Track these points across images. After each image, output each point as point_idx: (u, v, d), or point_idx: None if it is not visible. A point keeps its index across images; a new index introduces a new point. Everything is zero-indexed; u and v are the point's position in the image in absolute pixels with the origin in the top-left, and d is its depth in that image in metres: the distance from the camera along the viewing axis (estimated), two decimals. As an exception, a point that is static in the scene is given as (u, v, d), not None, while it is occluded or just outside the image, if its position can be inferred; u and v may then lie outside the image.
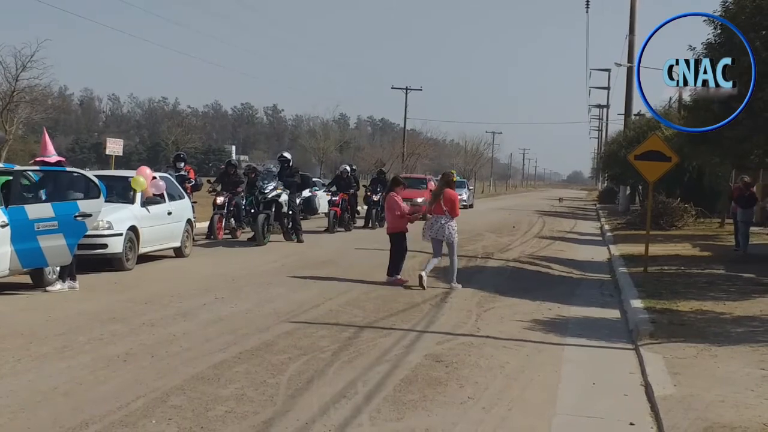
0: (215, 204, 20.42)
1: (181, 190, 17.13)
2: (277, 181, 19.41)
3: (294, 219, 20.09)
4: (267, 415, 5.85)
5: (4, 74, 34.23)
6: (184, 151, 26.62)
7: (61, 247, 10.91)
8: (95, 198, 11.28)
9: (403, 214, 13.35)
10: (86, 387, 6.51)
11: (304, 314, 10.08)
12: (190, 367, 7.17)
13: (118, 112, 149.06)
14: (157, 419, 5.68)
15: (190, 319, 9.59)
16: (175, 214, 15.86)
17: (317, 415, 5.89)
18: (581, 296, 12.71)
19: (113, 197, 14.07)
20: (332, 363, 7.49)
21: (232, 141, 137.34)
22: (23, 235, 10.75)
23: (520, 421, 6.00)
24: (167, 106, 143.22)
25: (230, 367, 7.21)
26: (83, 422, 5.57)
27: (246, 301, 11.00)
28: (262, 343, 8.25)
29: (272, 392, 6.45)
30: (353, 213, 26.06)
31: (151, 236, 14.74)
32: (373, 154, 79.38)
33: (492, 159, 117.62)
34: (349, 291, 12.13)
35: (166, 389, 6.43)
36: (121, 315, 9.65)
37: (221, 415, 5.81)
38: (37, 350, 7.73)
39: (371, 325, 9.51)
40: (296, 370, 7.19)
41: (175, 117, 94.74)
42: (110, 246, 13.41)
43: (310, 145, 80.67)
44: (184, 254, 16.18)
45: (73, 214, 11.02)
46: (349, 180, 25.32)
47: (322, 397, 6.36)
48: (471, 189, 54.64)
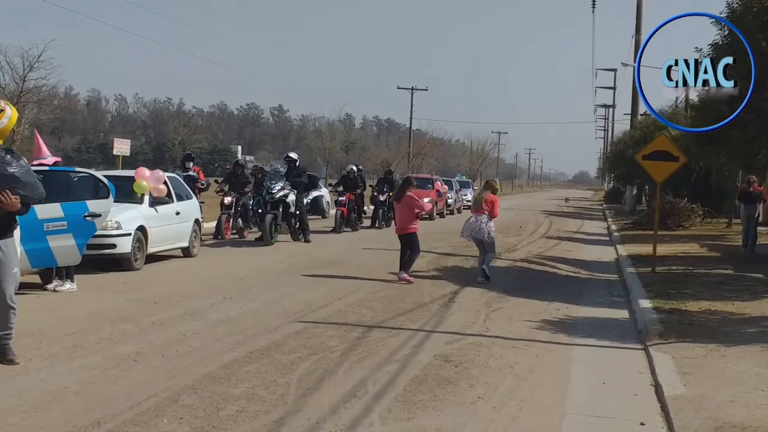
0: (223, 204, 20.46)
1: (189, 190, 17.17)
2: (284, 182, 19.44)
3: (301, 219, 20.12)
4: (278, 415, 5.86)
5: (12, 75, 34.35)
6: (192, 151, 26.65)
7: (71, 247, 10.94)
8: (104, 198, 11.33)
9: (427, 212, 13.61)
10: (97, 386, 6.54)
11: (312, 314, 10.10)
12: (201, 367, 7.19)
13: (125, 112, 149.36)
14: (168, 418, 5.70)
15: (199, 318, 9.62)
16: (183, 214, 15.90)
17: (328, 414, 5.91)
18: (589, 296, 12.71)
19: (121, 197, 14.09)
20: (342, 363, 7.51)
21: (237, 141, 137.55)
22: (33, 235, 10.75)
23: (531, 421, 6.01)
24: (172, 107, 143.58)
25: (240, 367, 7.23)
26: (95, 421, 5.59)
27: (254, 300, 11.03)
28: (272, 343, 8.28)
29: (283, 392, 6.47)
30: (360, 213, 26.09)
31: (160, 236, 14.78)
32: (378, 154, 79.48)
33: (498, 159, 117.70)
34: (357, 291, 12.15)
35: (177, 389, 6.45)
36: (131, 315, 9.69)
37: (233, 415, 5.83)
38: (47, 350, 7.76)
39: (380, 324, 9.52)
40: (306, 369, 7.21)
41: (180, 117, 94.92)
42: (119, 246, 13.46)
43: (315, 146, 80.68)
44: (192, 254, 16.22)
45: (82, 214, 11.05)
46: (356, 180, 25.35)
47: (332, 396, 6.37)
48: (476, 189, 54.61)
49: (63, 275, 11.48)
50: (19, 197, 6.92)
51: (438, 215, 34.27)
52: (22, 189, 6.93)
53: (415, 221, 13.73)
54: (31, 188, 7.07)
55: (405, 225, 13.77)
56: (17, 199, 6.89)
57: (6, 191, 6.82)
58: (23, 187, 6.95)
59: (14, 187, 6.88)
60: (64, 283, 11.44)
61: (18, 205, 6.93)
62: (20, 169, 6.98)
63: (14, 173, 6.90)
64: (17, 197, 6.89)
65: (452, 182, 42.99)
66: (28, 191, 7.01)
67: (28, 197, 7.04)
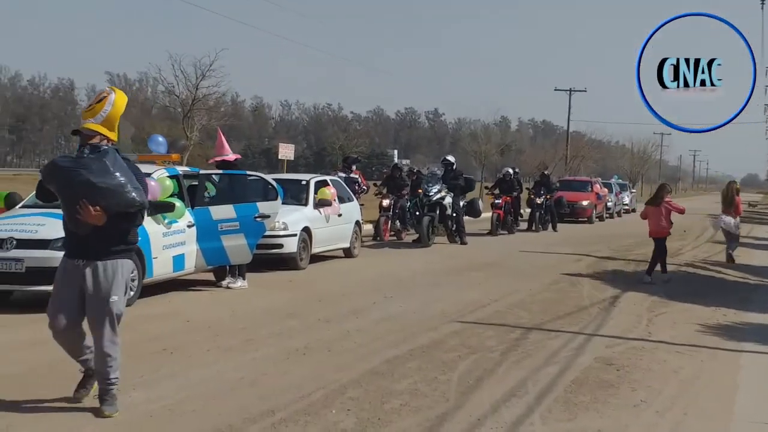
0: (381, 206, 20.92)
1: (350, 193, 17.69)
2: (441, 184, 19.67)
3: (458, 221, 20.28)
4: (440, 410, 6.03)
5: (185, 83, 36.41)
6: (351, 155, 27.44)
7: (242, 246, 11.56)
8: (273, 200, 11.89)
9: (682, 212, 14.73)
10: (270, 377, 6.93)
11: (470, 314, 10.22)
12: (365, 362, 7.47)
13: (287, 118, 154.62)
14: (336, 409, 5.98)
15: (361, 316, 9.95)
16: (345, 216, 16.40)
17: (489, 412, 6.02)
18: (759, 303, 12.19)
19: (287, 200, 14.71)
20: (501, 363, 7.60)
21: (394, 145, 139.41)
22: (208, 235, 11.49)
23: (696, 426, 5.90)
24: (332, 112, 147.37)
25: (402, 363, 7.45)
26: (269, 410, 5.94)
27: (413, 300, 11.27)
28: (432, 342, 8.47)
29: (444, 388, 6.64)
30: (516, 216, 25.98)
31: (323, 237, 15.33)
32: (535, 157, 78.41)
33: (660, 161, 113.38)
34: (515, 293, 12.17)
35: (344, 382, 6.74)
36: (298, 311, 10.14)
37: (396, 408, 6.05)
38: (223, 343, 8.26)
39: (538, 327, 9.53)
40: (466, 368, 7.34)
41: (339, 122, 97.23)
42: (285, 246, 14.07)
43: (470, 148, 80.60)
44: (353, 255, 16.70)
45: (253, 215, 11.65)
46: (512, 182, 25.27)
47: (492, 395, 6.48)
48: (633, 192, 52.98)
49: (235, 273, 12.13)
50: (101, 208, 5.53)
51: (597, 218, 33.58)
52: (101, 198, 5.52)
53: (670, 225, 14.47)
54: (111, 197, 5.55)
55: (662, 228, 14.26)
56: (98, 210, 5.51)
57: (83, 201, 5.50)
58: (101, 196, 5.52)
59: (93, 196, 5.52)
60: (236, 280, 12.08)
61: (103, 218, 5.54)
62: (100, 175, 5.53)
63: (90, 179, 5.51)
64: (98, 209, 5.51)
65: (612, 184, 41.51)
66: (107, 201, 5.55)
67: (110, 207, 5.58)
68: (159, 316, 9.70)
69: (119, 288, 5.77)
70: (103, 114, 5.62)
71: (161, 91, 44.85)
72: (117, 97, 5.69)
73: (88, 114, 5.69)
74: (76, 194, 5.53)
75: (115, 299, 5.72)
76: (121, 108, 5.70)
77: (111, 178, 5.55)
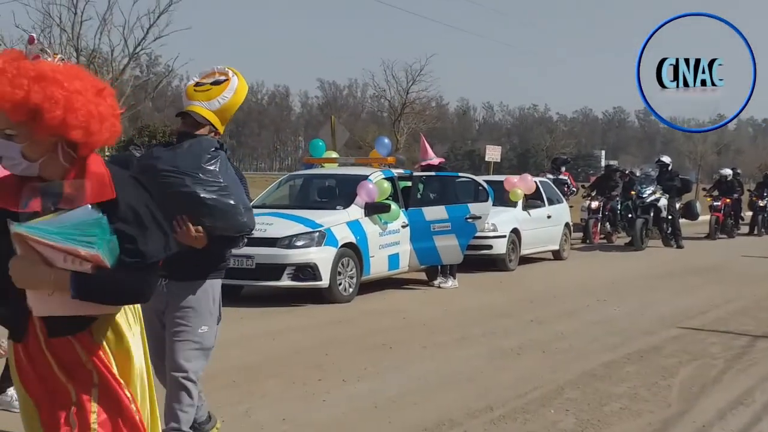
0: (590, 208, 20.54)
1: (559, 194, 17.53)
2: (655, 186, 19.06)
3: (673, 224, 19.55)
4: (663, 415, 5.90)
5: (396, 88, 37.57)
6: (561, 155, 27.25)
7: (454, 246, 11.79)
8: (484, 201, 12.04)
9: None
10: (486, 375, 7.06)
11: (690, 320, 9.87)
12: (580, 364, 7.43)
13: (491, 120, 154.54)
14: (555, 409, 6.01)
15: (574, 318, 9.87)
16: (554, 217, 16.28)
17: (715, 419, 5.83)
18: None
19: (495, 201, 14.80)
20: (726, 370, 7.30)
21: (601, 146, 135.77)
22: (421, 235, 11.82)
23: None
24: (537, 113, 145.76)
25: (620, 367, 7.34)
26: (488, 406, 6.06)
27: (628, 304, 11.03)
28: (650, 346, 8.27)
29: (665, 393, 6.48)
30: (737, 219, 24.66)
31: (532, 239, 15.30)
32: (755, 157, 73.90)
33: None
34: (737, 299, 11.60)
35: (560, 383, 6.75)
36: (510, 311, 10.21)
37: (616, 411, 5.98)
38: (438, 339, 8.50)
39: (766, 335, 9.05)
40: (687, 374, 7.12)
41: (545, 123, 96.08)
42: (494, 247, 14.18)
43: (685, 149, 77.18)
44: (563, 257, 16.53)
45: (464, 217, 11.85)
46: (732, 184, 24.03)
47: (716, 402, 6.26)
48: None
49: (446, 273, 12.38)
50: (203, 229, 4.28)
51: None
52: (209, 217, 4.28)
53: None
54: (220, 218, 4.31)
55: None
56: (200, 232, 4.27)
57: (183, 218, 4.22)
58: (210, 215, 4.28)
59: (197, 213, 4.26)
60: (447, 280, 12.33)
61: (204, 240, 4.30)
62: (211, 190, 4.29)
63: (198, 193, 4.25)
64: (200, 229, 4.27)
65: None
66: (214, 222, 4.31)
67: (217, 228, 4.33)
68: (377, 312, 10.11)
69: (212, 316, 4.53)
70: (221, 100, 4.41)
71: (370, 97, 46.43)
72: (240, 84, 4.47)
73: (200, 95, 4.43)
74: (175, 206, 4.12)
75: (207, 329, 4.47)
76: (242, 99, 4.50)
77: (223, 194, 4.32)
